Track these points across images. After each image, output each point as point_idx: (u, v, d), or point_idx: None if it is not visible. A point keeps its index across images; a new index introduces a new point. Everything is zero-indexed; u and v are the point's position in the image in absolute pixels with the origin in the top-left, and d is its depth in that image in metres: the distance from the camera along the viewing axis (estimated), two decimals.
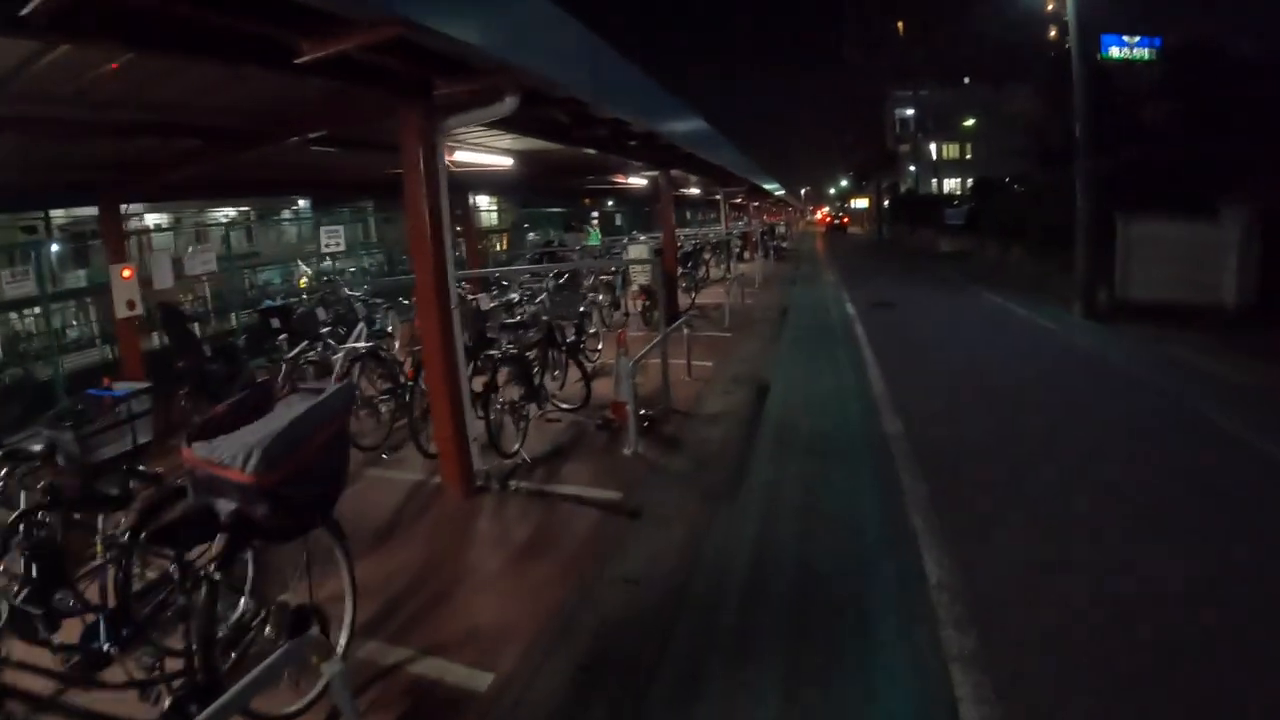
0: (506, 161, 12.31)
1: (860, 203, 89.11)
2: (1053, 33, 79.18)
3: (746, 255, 32.50)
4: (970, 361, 11.75)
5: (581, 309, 11.95)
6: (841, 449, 7.86)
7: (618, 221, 40.38)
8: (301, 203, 29.13)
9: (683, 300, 17.80)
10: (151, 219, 24.34)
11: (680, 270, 18.86)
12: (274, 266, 25.06)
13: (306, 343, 9.71)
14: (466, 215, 18.48)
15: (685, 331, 10.92)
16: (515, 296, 12.04)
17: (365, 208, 27.40)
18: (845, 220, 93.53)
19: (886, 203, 63.50)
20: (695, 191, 27.49)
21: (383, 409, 8.50)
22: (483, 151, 11.47)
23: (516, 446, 7.72)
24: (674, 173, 17.45)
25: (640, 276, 15.78)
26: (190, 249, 11.40)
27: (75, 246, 21.32)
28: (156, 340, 12.85)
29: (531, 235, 31.74)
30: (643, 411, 8.54)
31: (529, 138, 10.44)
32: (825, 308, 18.63)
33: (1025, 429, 8.12)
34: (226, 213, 28.02)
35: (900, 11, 72.50)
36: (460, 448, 6.75)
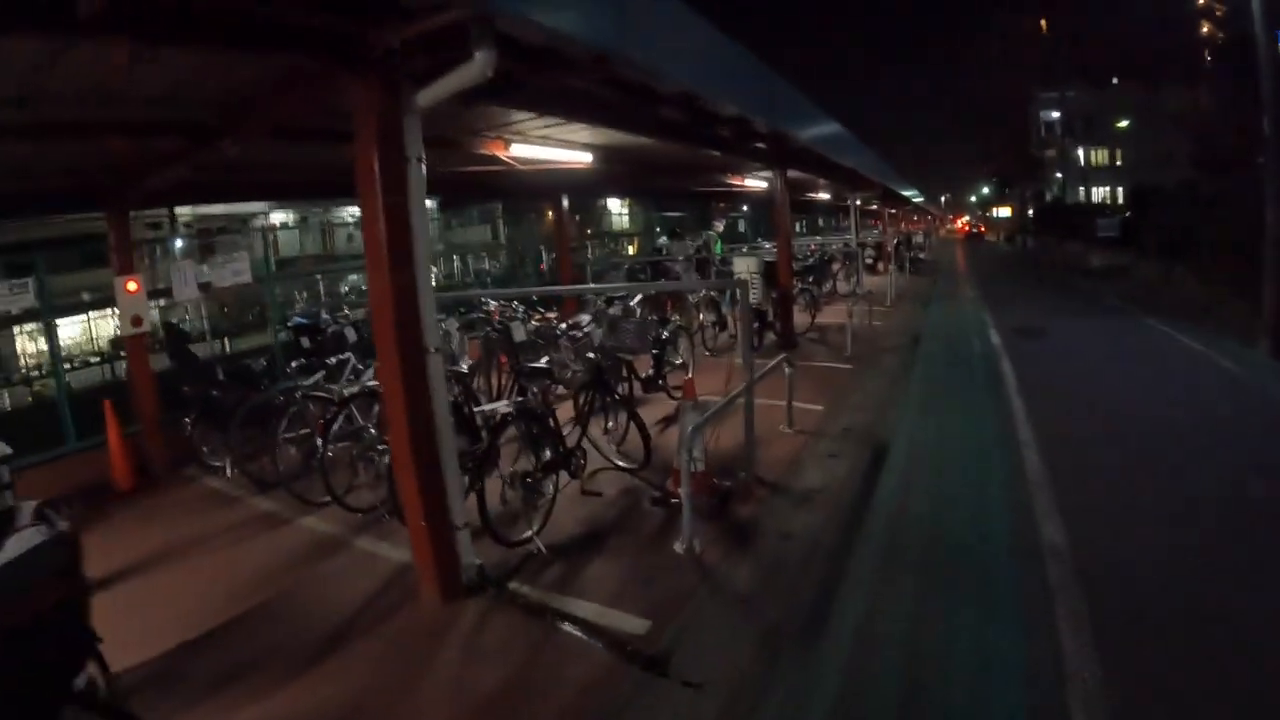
0: (584, 157, 10.54)
1: (1003, 211, 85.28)
2: (1205, 28, 75.73)
3: (880, 267, 30.11)
4: (1144, 420, 9.08)
5: (665, 335, 10.03)
6: (975, 568, 5.47)
7: (741, 228, 38.34)
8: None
9: (801, 320, 15.70)
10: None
11: (799, 286, 16.73)
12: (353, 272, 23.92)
13: (324, 369, 8.15)
14: (559, 219, 16.76)
15: (787, 371, 8.77)
16: (586, 319, 10.09)
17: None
18: (983, 229, 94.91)
19: (1030, 211, 59.88)
20: (824, 196, 25.20)
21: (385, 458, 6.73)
22: (551, 145, 9.77)
23: (530, 532, 5.85)
24: (792, 173, 15.41)
25: (749, 295, 13.73)
26: (215, 258, 9.90)
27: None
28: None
29: (662, 239, 30.33)
30: (716, 481, 6.61)
31: (602, 128, 8.77)
32: (964, 334, 16.06)
33: (1243, 550, 5.50)
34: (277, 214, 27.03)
35: (1044, 9, 69.53)
36: (439, 536, 4.98)
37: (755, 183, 18.61)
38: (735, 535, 5.98)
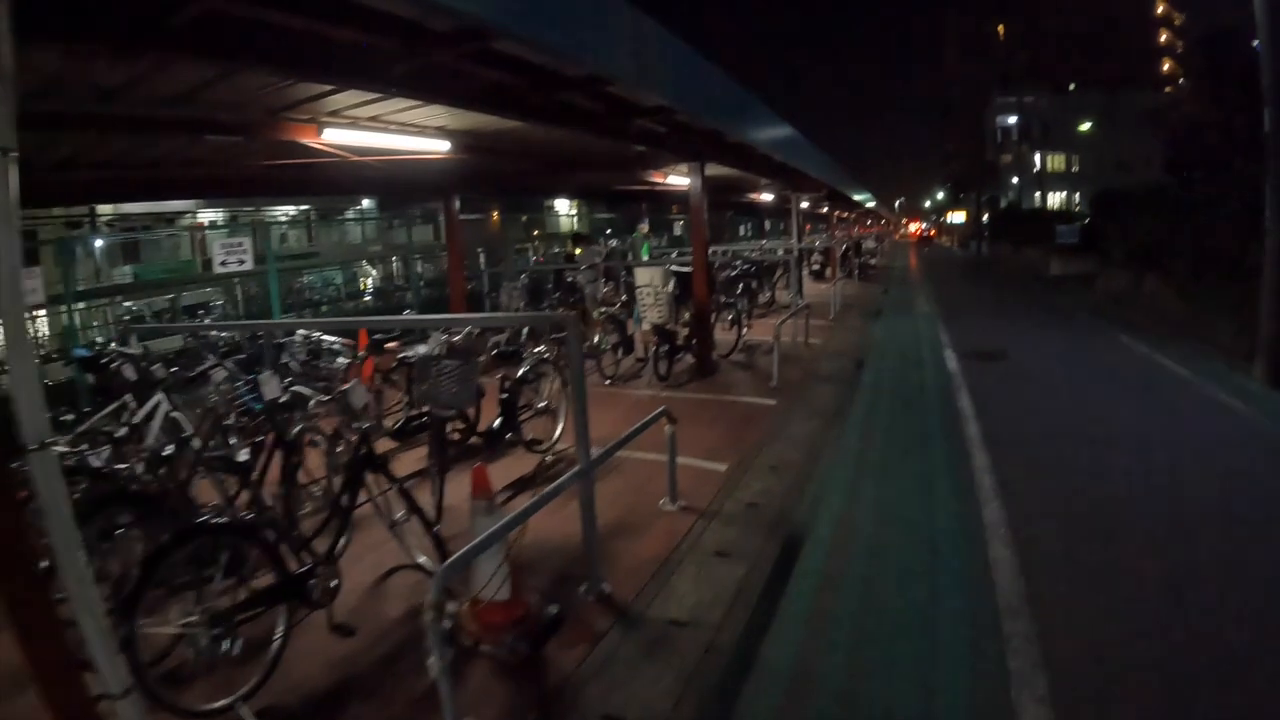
0: (440, 145, 8.32)
1: (957, 216, 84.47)
2: (1164, 36, 76.80)
3: (829, 273, 28.03)
4: (1146, 495, 6.79)
5: (524, 371, 7.69)
6: None
7: (678, 231, 36.30)
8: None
9: (726, 340, 13.44)
10: None
11: (725, 299, 14.46)
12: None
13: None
14: (450, 222, 14.35)
15: (668, 430, 6.35)
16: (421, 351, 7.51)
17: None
18: (933, 233, 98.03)
19: (986, 217, 58.75)
20: (768, 197, 22.95)
21: None
22: (382, 130, 7.53)
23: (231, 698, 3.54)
24: (718, 170, 13.22)
25: (654, 311, 11.43)
26: None
27: None
28: None
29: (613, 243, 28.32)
30: (532, 609, 4.41)
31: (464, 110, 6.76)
32: (916, 357, 13.82)
33: None
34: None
35: (1002, 15, 69.72)
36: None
37: (681, 180, 16.44)
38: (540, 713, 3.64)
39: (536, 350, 8.27)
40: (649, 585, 5.11)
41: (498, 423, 7.34)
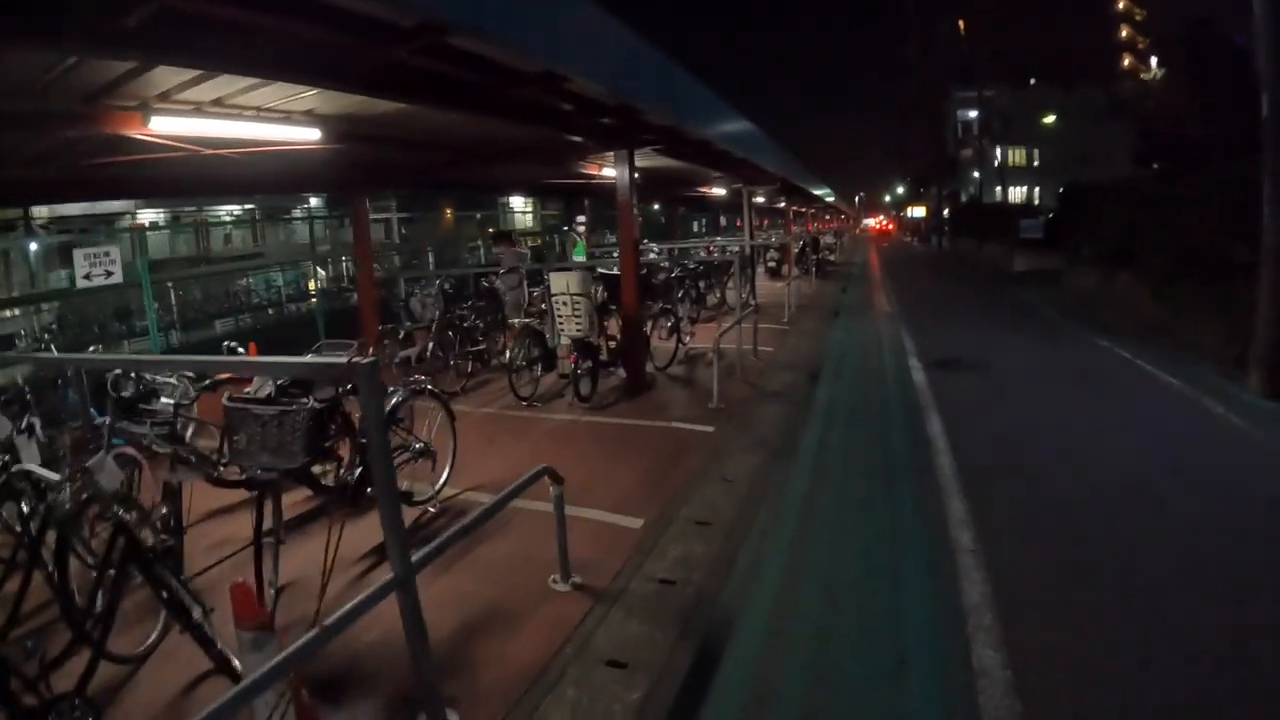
0: (308, 134, 6.87)
1: (918, 211, 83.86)
2: (1125, 31, 77.57)
3: (785, 271, 26.67)
4: (1155, 539, 5.54)
5: (393, 404, 6.15)
6: None
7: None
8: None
9: (666, 349, 12.01)
10: None
11: (663, 305, 12.98)
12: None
13: None
14: (358, 224, 12.75)
15: (553, 493, 4.86)
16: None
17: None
18: (890, 227, 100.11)
19: (946, 211, 58.12)
20: (720, 192, 21.52)
21: None
22: (228, 118, 6.09)
23: None
24: (656, 161, 11.85)
25: (571, 323, 9.95)
26: None
27: None
28: None
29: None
30: None
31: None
32: (878, 366, 12.43)
33: None
34: None
35: (963, 10, 69.55)
36: None
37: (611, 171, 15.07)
38: None
39: (412, 381, 6.72)
40: (511, 716, 3.66)
41: (356, 472, 5.78)
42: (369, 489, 5.70)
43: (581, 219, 19.03)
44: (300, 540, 5.63)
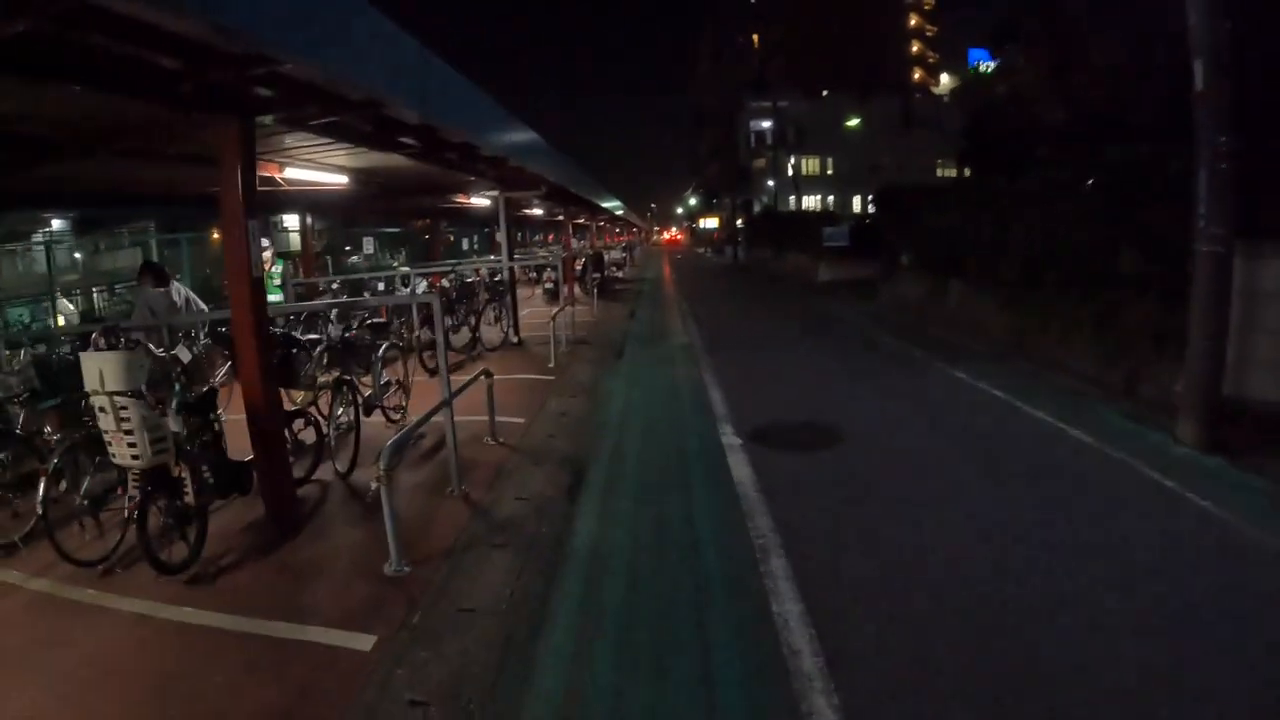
0: None
1: (710, 222, 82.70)
2: (916, 47, 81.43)
3: (568, 292, 22.72)
4: None
5: None
6: None
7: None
8: None
9: (374, 435, 7.64)
10: None
11: (334, 377, 8.26)
12: None
13: None
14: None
15: None
16: None
17: None
18: (677, 239, 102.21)
19: (741, 221, 56.52)
20: (483, 202, 17.07)
21: None
22: None
23: None
24: (319, 145, 7.68)
25: (123, 446, 5.37)
26: None
27: None
28: None
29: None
30: None
31: None
32: (675, 450, 8.18)
33: None
34: None
35: (756, 22, 69.89)
36: None
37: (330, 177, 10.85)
38: None
39: None
40: None
41: None
42: None
43: (266, 242, 13.04)
44: None
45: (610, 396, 10.73)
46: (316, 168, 10.58)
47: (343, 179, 11.39)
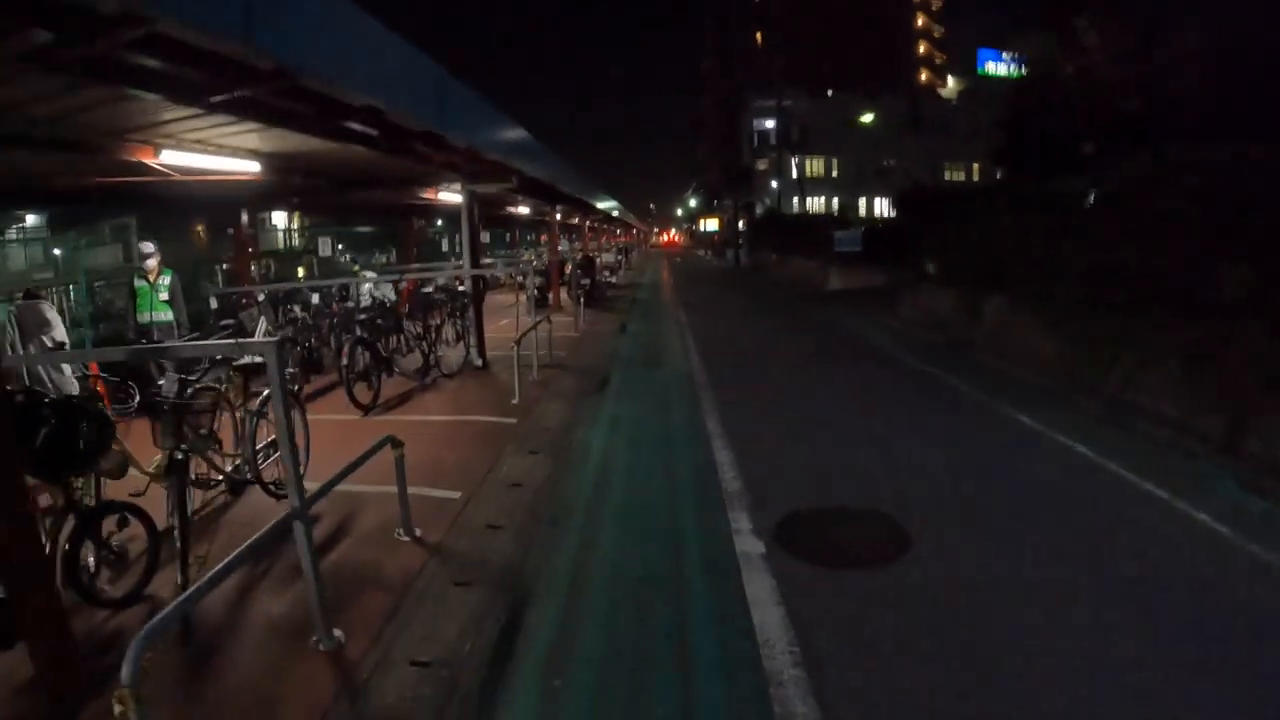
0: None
1: (711, 224, 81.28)
2: (922, 48, 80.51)
3: (553, 300, 20.50)
4: None
5: None
6: None
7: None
8: None
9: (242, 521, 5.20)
10: None
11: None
12: None
13: None
14: None
15: None
16: None
17: None
18: (675, 241, 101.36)
19: (742, 224, 54.75)
20: (454, 199, 14.63)
21: None
22: None
23: None
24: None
25: None
26: None
27: None
28: None
29: None
30: None
31: None
32: (667, 541, 5.88)
33: None
34: None
35: (760, 23, 68.93)
36: None
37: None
38: None
39: None
40: None
41: None
42: None
43: (150, 247, 9.87)
44: None
45: (584, 454, 8.19)
46: (215, 151, 8.26)
47: (254, 165, 9.02)
